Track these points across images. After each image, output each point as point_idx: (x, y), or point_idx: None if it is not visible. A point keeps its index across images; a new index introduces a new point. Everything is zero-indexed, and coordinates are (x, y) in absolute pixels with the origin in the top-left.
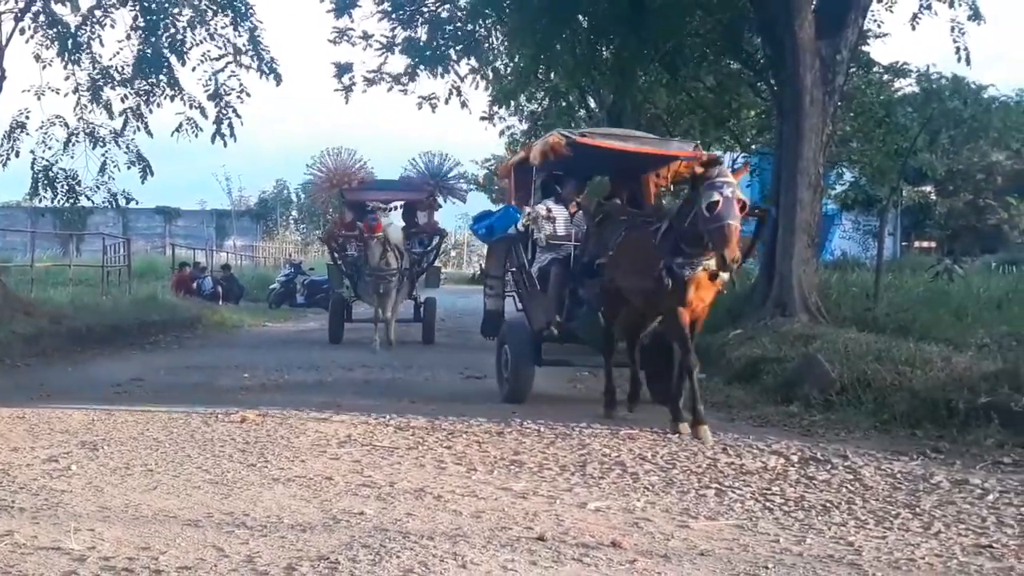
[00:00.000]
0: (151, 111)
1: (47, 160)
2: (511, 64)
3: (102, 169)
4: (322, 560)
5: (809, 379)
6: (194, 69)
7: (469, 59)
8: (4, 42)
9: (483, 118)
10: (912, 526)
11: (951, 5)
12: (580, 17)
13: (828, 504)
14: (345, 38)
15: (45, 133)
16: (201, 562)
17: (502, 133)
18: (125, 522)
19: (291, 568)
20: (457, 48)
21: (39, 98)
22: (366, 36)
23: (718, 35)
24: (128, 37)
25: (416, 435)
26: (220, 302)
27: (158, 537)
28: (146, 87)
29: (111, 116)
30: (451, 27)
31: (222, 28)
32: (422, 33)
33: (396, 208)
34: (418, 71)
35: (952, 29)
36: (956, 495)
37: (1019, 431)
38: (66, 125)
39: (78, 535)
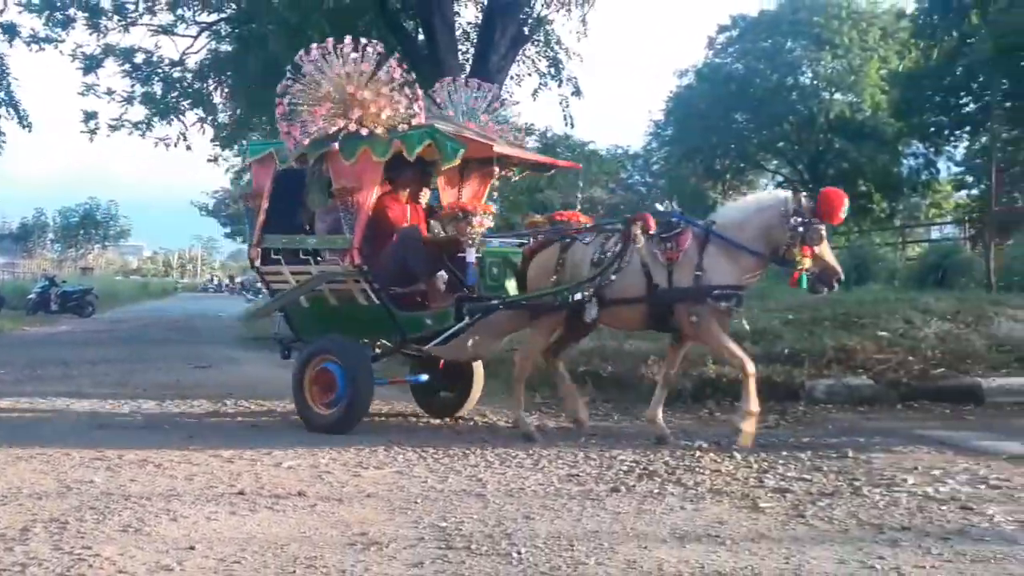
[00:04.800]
0: None
1: None
2: (232, 115)
3: None
4: (53, 521)
5: None
6: None
7: (196, 110)
8: None
9: (209, 160)
10: (526, 464)
11: (560, 85)
12: None
13: (467, 450)
14: (92, 91)
15: None
16: None
17: (227, 171)
18: None
19: (26, 530)
20: (186, 102)
21: None
22: (110, 92)
23: None
24: None
25: (146, 415)
26: None
27: None
28: None
29: None
30: (182, 85)
31: None
32: (158, 89)
33: None
34: (153, 121)
35: (560, 102)
36: (558, 439)
37: (605, 390)
38: None
39: None
